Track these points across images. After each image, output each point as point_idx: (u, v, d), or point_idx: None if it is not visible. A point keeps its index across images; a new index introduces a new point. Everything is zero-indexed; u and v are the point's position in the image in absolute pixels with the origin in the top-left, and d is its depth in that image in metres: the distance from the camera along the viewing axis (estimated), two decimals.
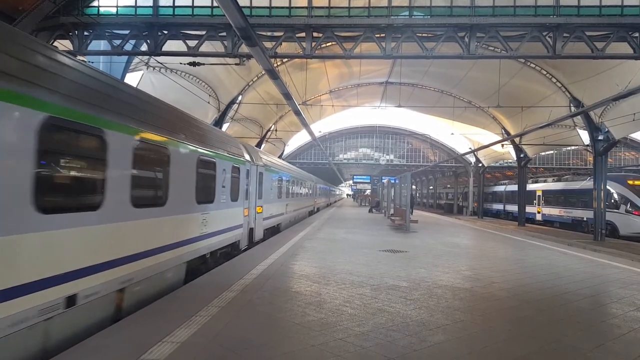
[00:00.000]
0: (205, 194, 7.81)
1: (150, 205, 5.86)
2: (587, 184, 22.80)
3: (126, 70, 14.51)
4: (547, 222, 27.92)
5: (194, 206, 7.29)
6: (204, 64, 13.83)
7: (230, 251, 10.00)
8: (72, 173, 4.57)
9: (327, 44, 14.28)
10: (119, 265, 5.05)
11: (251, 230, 11.72)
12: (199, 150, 7.50)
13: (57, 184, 4.30)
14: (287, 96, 12.85)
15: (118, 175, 5.04)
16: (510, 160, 34.61)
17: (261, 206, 12.65)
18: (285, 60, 19.76)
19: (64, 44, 12.21)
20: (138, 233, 5.55)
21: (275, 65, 12.98)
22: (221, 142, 9.05)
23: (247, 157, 11.26)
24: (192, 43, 12.13)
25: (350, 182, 71.46)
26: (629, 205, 20.34)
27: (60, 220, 4.09)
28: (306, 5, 12.00)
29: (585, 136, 22.25)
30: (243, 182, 10.56)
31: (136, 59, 15.41)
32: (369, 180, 52.10)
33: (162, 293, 6.19)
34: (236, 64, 14.12)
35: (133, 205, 5.30)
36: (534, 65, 18.80)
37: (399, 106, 27.30)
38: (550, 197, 28.38)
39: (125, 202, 5.18)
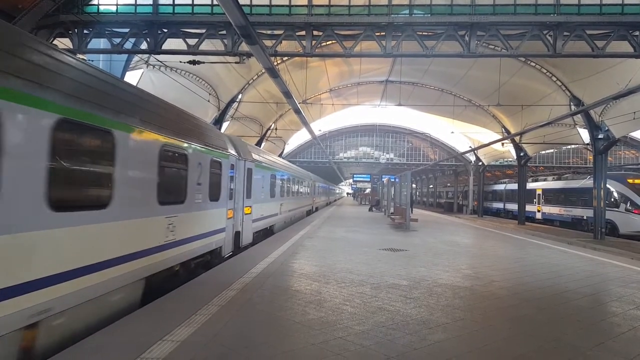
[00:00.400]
0: (171, 192, 6.52)
1: (81, 207, 4.50)
2: (587, 182, 22.80)
3: (126, 68, 14.49)
4: (547, 220, 27.93)
5: (154, 208, 5.96)
6: (203, 63, 13.82)
7: (210, 260, 8.66)
8: None
9: (327, 43, 14.24)
10: (25, 292, 3.69)
11: (237, 234, 10.51)
12: (161, 138, 6.09)
13: None
14: (287, 95, 12.84)
15: (21, 166, 3.68)
16: (511, 159, 34.61)
17: (250, 206, 11.50)
18: (285, 58, 19.74)
19: (63, 42, 12.19)
20: (58, 244, 4.14)
21: (275, 63, 12.97)
22: (196, 131, 7.65)
23: (232, 150, 10.04)
24: (192, 41, 12.11)
25: (350, 180, 71.47)
26: (628, 203, 20.34)
27: None
28: (306, 3, 11.98)
29: (585, 135, 22.24)
30: (226, 179, 9.29)
31: (136, 58, 15.39)
32: (369, 179, 52.14)
33: (107, 321, 4.95)
34: (236, 63, 14.12)
35: (51, 208, 3.95)
36: (534, 64, 18.78)
37: (399, 105, 27.30)
38: (550, 196, 28.38)
39: (36, 204, 3.81)
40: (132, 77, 16.47)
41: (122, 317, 4.88)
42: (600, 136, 17.64)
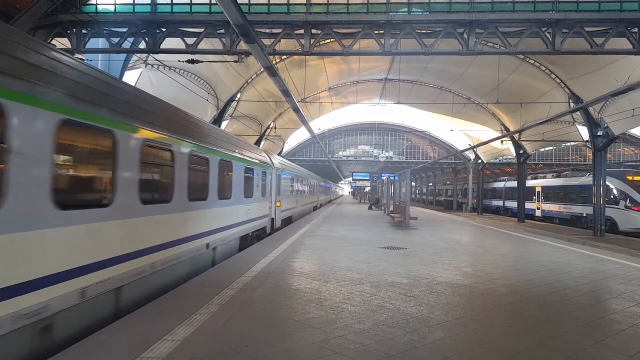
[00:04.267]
0: (247, 191, 11.05)
1: (226, 197, 9.27)
2: (587, 179, 22.80)
3: (125, 68, 14.45)
4: (547, 218, 27.93)
5: (243, 199, 10.68)
6: (202, 62, 13.78)
7: (260, 234, 13.19)
8: None
9: (326, 41, 14.18)
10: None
11: (272, 220, 14.73)
12: (245, 160, 10.93)
13: None
14: (286, 93, 12.82)
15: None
16: (510, 157, 34.53)
17: (279, 201, 15.75)
18: (284, 57, 19.70)
19: (62, 42, 12.16)
20: (226, 213, 9.45)
21: (273, 62, 12.95)
22: (254, 153, 12.52)
23: (269, 162, 14.33)
24: (191, 40, 12.07)
25: (350, 179, 71.45)
26: (628, 200, 20.34)
27: None
28: (305, 2, 11.95)
29: (584, 132, 22.19)
30: (268, 183, 13.79)
31: (135, 57, 15.35)
32: (368, 177, 52.11)
33: (230, 252, 10.02)
34: (235, 62, 14.05)
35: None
36: (533, 61, 18.75)
37: (398, 103, 27.26)
38: (549, 193, 28.38)
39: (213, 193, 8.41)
40: (130, 77, 16.45)
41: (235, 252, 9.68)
42: (600, 133, 17.62)
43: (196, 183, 7.51)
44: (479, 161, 36.30)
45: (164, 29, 12.00)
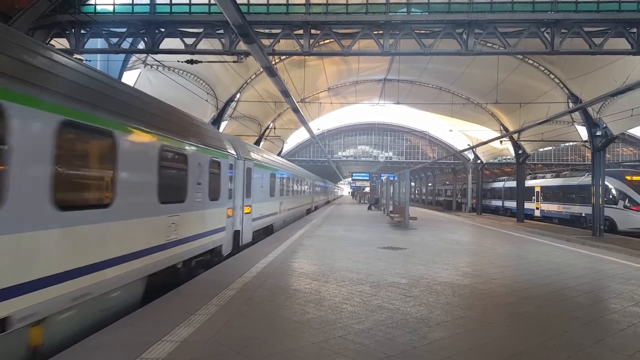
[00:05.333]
0: (174, 193, 6.70)
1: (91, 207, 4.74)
2: (586, 179, 22.81)
3: (124, 68, 14.43)
4: (546, 218, 27.94)
5: (155, 207, 6.01)
6: (201, 62, 13.78)
7: (210, 258, 8.71)
8: None
9: (325, 41, 14.19)
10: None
11: (237, 233, 10.72)
12: (160, 139, 6.15)
13: None
14: (286, 94, 12.81)
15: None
16: (509, 157, 34.54)
17: (250, 205, 11.59)
18: (283, 57, 19.69)
19: (60, 42, 12.15)
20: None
21: (273, 62, 12.94)
22: (193, 130, 7.64)
23: (232, 150, 10.38)
24: (190, 41, 12.07)
25: (350, 179, 71.46)
26: (627, 200, 20.36)
27: None
28: (304, 2, 11.95)
29: (583, 132, 22.22)
30: (226, 179, 9.51)
31: (134, 57, 15.33)
32: (367, 178, 52.13)
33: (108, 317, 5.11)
34: (234, 62, 14.05)
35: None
36: (532, 62, 18.77)
37: (398, 103, 27.26)
38: (548, 193, 28.40)
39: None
40: (129, 77, 16.44)
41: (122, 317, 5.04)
42: (598, 133, 17.64)
43: None
44: (478, 161, 36.33)
45: (163, 29, 11.99)
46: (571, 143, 38.34)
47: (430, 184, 63.52)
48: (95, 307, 4.85)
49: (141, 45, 12.56)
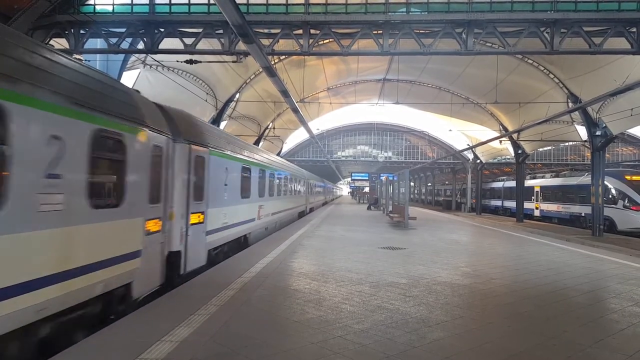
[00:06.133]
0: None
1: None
2: (585, 179, 22.81)
3: (123, 68, 14.41)
4: (546, 217, 27.94)
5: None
6: (201, 62, 13.77)
7: (105, 309, 5.22)
8: None
9: (325, 41, 14.18)
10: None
11: (176, 256, 6.97)
12: None
13: None
14: (285, 94, 12.81)
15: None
16: (509, 157, 34.53)
17: (202, 212, 7.95)
18: (282, 57, 19.68)
19: (59, 42, 12.14)
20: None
21: (272, 62, 12.93)
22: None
23: (161, 125, 6.58)
24: (189, 41, 12.06)
25: (349, 179, 71.49)
26: (626, 200, 20.37)
27: None
28: (303, 2, 11.94)
29: (583, 132, 22.23)
30: (144, 170, 5.94)
31: (133, 57, 15.32)
32: (367, 178, 52.15)
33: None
34: (233, 62, 14.04)
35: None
36: (531, 62, 18.77)
37: (397, 103, 27.26)
38: (548, 193, 28.40)
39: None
40: (129, 77, 16.43)
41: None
42: (598, 133, 17.65)
43: None
44: (478, 161, 36.34)
45: (162, 29, 11.98)
46: (571, 143, 38.33)
47: (429, 184, 63.53)
48: None
49: (140, 46, 12.55)
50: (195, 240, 7.68)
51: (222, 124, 22.64)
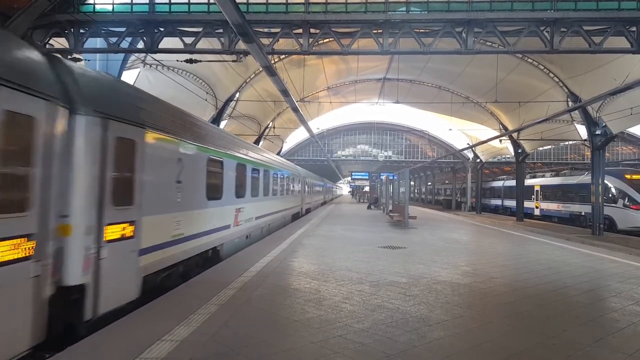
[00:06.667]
0: None
1: None
2: (585, 178, 22.82)
3: (123, 68, 14.41)
4: (546, 217, 27.95)
5: None
6: (200, 61, 13.76)
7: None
8: None
9: (325, 40, 14.17)
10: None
11: (76, 293, 4.51)
12: None
13: None
14: (285, 93, 12.80)
15: None
16: (509, 156, 34.53)
17: (132, 222, 5.46)
18: (282, 56, 19.67)
19: (59, 42, 12.13)
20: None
21: (272, 61, 12.93)
22: None
23: (31, 76, 4.05)
24: (189, 40, 12.04)
25: (349, 178, 71.50)
26: (626, 199, 20.37)
27: None
28: (303, 1, 11.94)
29: (582, 131, 22.24)
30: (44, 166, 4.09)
31: (133, 57, 15.32)
32: (367, 177, 52.14)
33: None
34: (233, 61, 14.02)
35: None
36: (531, 61, 18.77)
37: (397, 102, 27.24)
38: (548, 192, 28.41)
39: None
40: (128, 77, 16.42)
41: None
42: (598, 132, 17.65)
43: None
44: (478, 160, 36.34)
45: (162, 29, 11.97)
46: (571, 142, 38.33)
47: (429, 183, 63.53)
48: None
49: (140, 45, 12.54)
50: (117, 265, 5.15)
51: (222, 123, 22.65)
